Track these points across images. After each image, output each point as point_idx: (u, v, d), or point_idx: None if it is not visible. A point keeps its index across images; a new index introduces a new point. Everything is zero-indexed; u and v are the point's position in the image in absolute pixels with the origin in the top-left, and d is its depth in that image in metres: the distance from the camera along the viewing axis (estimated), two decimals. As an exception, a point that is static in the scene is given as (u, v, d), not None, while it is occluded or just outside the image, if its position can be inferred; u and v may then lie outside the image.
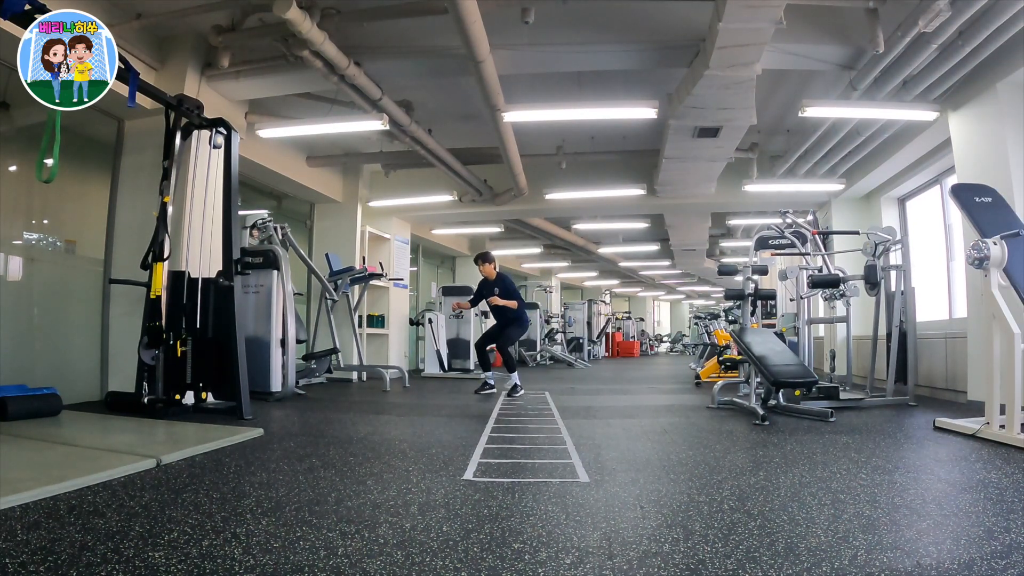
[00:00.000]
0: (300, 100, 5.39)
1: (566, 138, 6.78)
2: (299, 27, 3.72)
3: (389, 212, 8.26)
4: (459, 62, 4.34)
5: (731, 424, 3.65)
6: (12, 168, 4.28)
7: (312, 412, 4.13)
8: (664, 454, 2.71)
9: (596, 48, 4.44)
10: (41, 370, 4.07)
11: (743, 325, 4.60)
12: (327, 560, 1.40)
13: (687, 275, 17.10)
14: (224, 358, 3.81)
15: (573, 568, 1.37)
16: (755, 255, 5.03)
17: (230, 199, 4.00)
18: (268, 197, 7.20)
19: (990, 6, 3.39)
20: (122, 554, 1.41)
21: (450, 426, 3.52)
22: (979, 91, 4.26)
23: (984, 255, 2.97)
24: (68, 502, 1.82)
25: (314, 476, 2.22)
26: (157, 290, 3.78)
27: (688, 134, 5.51)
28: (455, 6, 3.49)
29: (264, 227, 5.46)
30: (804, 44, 4.30)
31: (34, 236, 4.40)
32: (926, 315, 5.52)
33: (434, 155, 6.34)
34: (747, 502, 1.90)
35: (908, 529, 1.64)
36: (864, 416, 3.94)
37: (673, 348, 22.03)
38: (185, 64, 4.51)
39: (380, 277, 6.95)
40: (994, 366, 2.95)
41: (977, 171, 4.25)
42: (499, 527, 1.65)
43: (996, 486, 2.08)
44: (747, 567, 1.36)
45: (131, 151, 4.57)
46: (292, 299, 5.17)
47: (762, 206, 8.06)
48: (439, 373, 8.19)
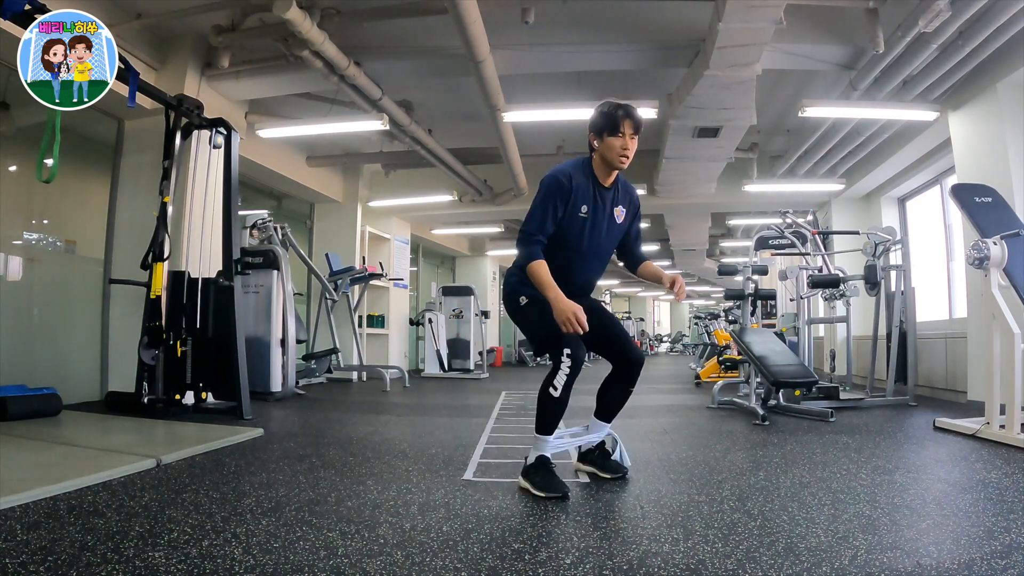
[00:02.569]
0: (300, 100, 5.39)
1: (566, 138, 6.77)
2: (299, 27, 3.72)
3: (389, 212, 8.26)
4: (459, 62, 4.34)
5: (731, 424, 3.65)
6: (12, 168, 4.28)
7: (312, 412, 4.13)
8: (664, 454, 2.71)
9: (596, 48, 4.44)
10: (41, 370, 4.06)
11: (743, 325, 4.60)
12: (327, 560, 1.40)
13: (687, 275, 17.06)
14: (224, 358, 3.81)
15: (573, 568, 1.37)
16: (755, 255, 5.04)
17: (230, 199, 4.00)
18: (268, 197, 7.20)
19: (990, 6, 3.38)
20: (122, 554, 1.41)
21: (450, 426, 3.51)
22: (979, 91, 4.25)
23: (984, 255, 2.97)
24: (68, 502, 1.82)
25: (314, 476, 2.22)
26: (157, 290, 3.78)
27: (688, 134, 5.50)
28: (455, 6, 3.49)
29: (264, 227, 5.45)
30: (804, 44, 4.30)
31: (34, 236, 4.40)
32: (926, 315, 5.52)
33: (434, 155, 6.34)
34: (747, 502, 1.90)
35: (908, 529, 1.64)
36: (864, 416, 3.94)
37: (673, 348, 22.03)
38: (185, 64, 4.50)
39: (380, 277, 6.95)
40: (994, 366, 2.95)
41: (977, 171, 4.25)
42: (499, 527, 1.65)
43: (996, 486, 2.08)
44: (747, 567, 1.36)
45: (131, 151, 4.57)
46: (292, 299, 5.17)
47: (762, 206, 8.06)
48: (439, 373, 8.19)
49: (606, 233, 2.17)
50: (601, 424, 2.27)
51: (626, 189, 2.25)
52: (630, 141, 2.07)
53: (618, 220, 2.19)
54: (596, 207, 2.12)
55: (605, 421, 2.27)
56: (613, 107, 2.09)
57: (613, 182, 2.17)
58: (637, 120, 2.08)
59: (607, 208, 2.15)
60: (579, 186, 2.09)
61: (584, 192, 2.10)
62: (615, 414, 2.27)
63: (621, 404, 2.26)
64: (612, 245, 2.26)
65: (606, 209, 2.15)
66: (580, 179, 2.10)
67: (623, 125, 2.06)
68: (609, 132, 2.07)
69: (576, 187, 2.08)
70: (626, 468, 2.27)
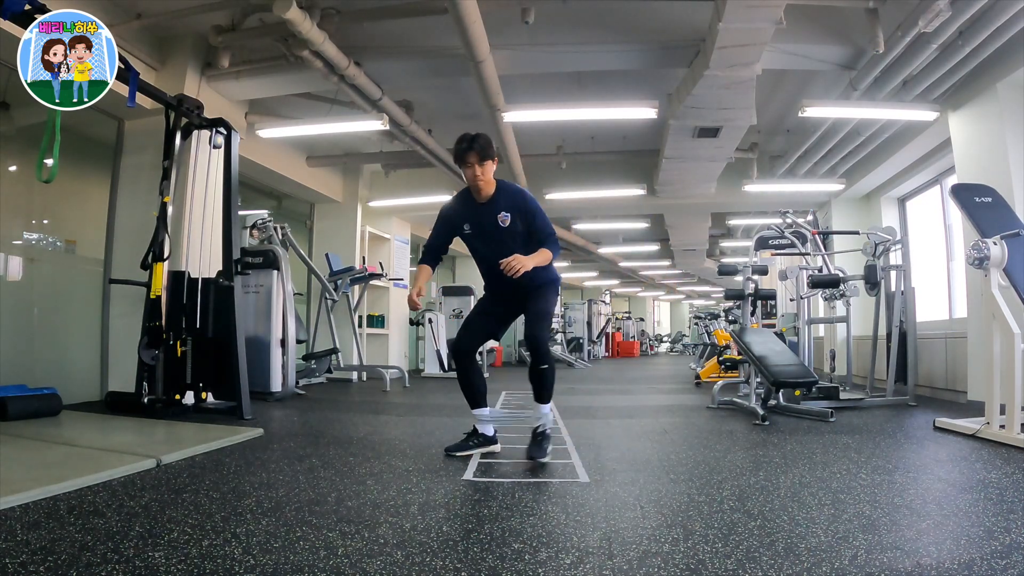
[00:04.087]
0: (300, 100, 5.39)
1: (566, 138, 6.78)
2: (299, 27, 3.72)
3: (389, 212, 8.26)
4: (459, 62, 4.34)
5: (731, 424, 3.65)
6: (12, 168, 4.28)
7: (312, 412, 4.13)
8: (664, 454, 2.71)
9: (596, 48, 4.44)
10: (41, 370, 4.07)
11: (743, 325, 4.60)
12: (327, 560, 1.40)
13: (687, 275, 17.09)
14: (224, 358, 3.81)
15: (573, 568, 1.37)
16: (755, 255, 5.04)
17: (230, 199, 4.00)
18: (268, 197, 7.20)
19: (990, 6, 3.39)
20: (122, 554, 1.41)
21: (450, 426, 3.51)
22: (979, 91, 4.25)
23: (984, 255, 2.97)
24: (68, 502, 1.82)
25: (314, 476, 2.22)
26: (157, 290, 3.78)
27: (688, 134, 5.50)
28: (455, 6, 3.49)
29: (264, 227, 5.45)
30: (804, 44, 4.30)
31: (34, 236, 4.40)
32: (926, 315, 5.52)
33: (434, 155, 6.34)
34: (747, 502, 1.90)
35: (908, 529, 1.64)
36: (864, 416, 3.94)
37: (673, 348, 22.03)
38: (185, 64, 4.50)
39: (380, 277, 6.94)
40: (994, 366, 2.95)
41: (977, 171, 4.25)
42: (499, 527, 1.65)
43: (996, 486, 2.08)
44: (747, 567, 1.36)
45: (131, 151, 4.57)
46: (292, 299, 5.17)
47: (762, 206, 8.06)
48: (439, 373, 8.18)
49: (497, 236, 2.56)
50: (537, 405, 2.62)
51: (510, 196, 2.59)
52: (478, 168, 2.49)
53: (503, 224, 2.55)
54: (479, 222, 2.58)
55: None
56: (458, 142, 2.54)
57: (492, 196, 2.57)
58: (479, 150, 2.47)
59: (490, 218, 2.56)
60: (457, 212, 2.64)
61: (461, 214, 2.62)
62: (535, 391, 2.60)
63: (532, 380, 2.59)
64: (514, 241, 2.56)
65: (489, 219, 2.56)
66: (458, 206, 2.66)
67: (467, 156, 2.49)
68: (460, 164, 2.55)
69: (454, 213, 2.65)
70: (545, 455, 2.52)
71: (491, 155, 2.52)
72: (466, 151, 2.48)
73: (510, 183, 2.66)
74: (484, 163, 2.50)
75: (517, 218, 2.55)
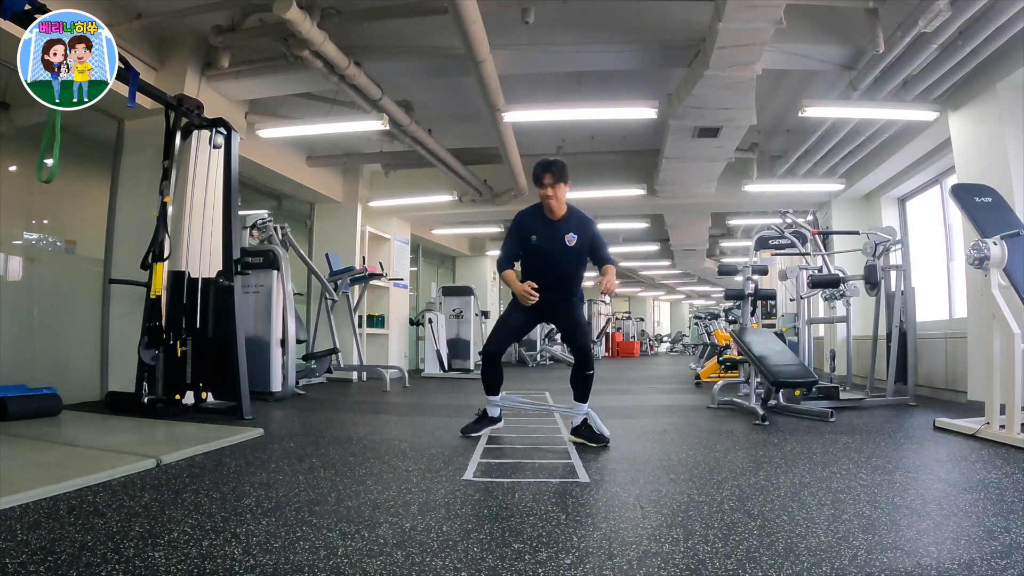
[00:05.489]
0: (300, 100, 5.39)
1: (566, 138, 6.78)
2: (299, 27, 3.72)
3: (389, 212, 8.26)
4: (459, 62, 4.34)
5: (731, 424, 3.65)
6: (12, 168, 4.28)
7: (312, 412, 4.13)
8: (664, 454, 2.71)
9: (596, 48, 4.44)
10: (41, 370, 4.07)
11: (743, 325, 4.60)
12: (327, 560, 1.40)
13: (687, 275, 17.09)
14: (224, 358, 3.81)
15: (573, 568, 1.37)
16: (755, 255, 5.04)
17: (230, 199, 3.99)
18: (268, 197, 7.19)
19: (990, 6, 3.39)
20: (122, 554, 1.41)
21: (450, 426, 3.51)
22: (979, 91, 4.25)
23: (984, 255, 2.97)
24: (68, 502, 1.82)
25: (314, 476, 2.22)
26: (157, 290, 3.78)
27: (688, 134, 5.50)
28: (455, 6, 3.49)
29: (264, 227, 5.45)
30: (804, 44, 4.30)
31: (34, 236, 4.40)
32: (926, 315, 5.52)
33: (434, 155, 6.34)
34: (747, 502, 1.90)
35: (908, 529, 1.64)
36: (864, 416, 3.94)
37: (673, 348, 22.02)
38: (185, 64, 4.50)
39: (380, 277, 6.94)
40: (994, 366, 2.95)
41: (977, 171, 4.25)
42: (499, 527, 1.65)
43: (996, 486, 2.08)
44: (747, 567, 1.36)
45: (131, 151, 4.57)
46: (292, 299, 5.17)
47: (762, 206, 8.06)
48: (439, 373, 8.18)
49: (558, 252, 2.94)
50: (577, 404, 2.99)
51: (580, 221, 2.97)
52: (551, 190, 2.87)
53: (569, 244, 2.93)
54: (547, 236, 2.93)
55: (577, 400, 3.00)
56: (537, 165, 2.92)
57: (563, 216, 2.95)
58: (555, 173, 2.87)
59: (559, 236, 2.92)
60: (530, 223, 2.97)
61: (534, 225, 2.96)
62: (579, 392, 2.99)
63: (578, 383, 3.00)
64: (569, 259, 2.96)
65: (557, 237, 2.93)
66: (531, 218, 2.99)
67: (544, 178, 2.87)
68: (537, 184, 2.91)
69: (528, 223, 2.98)
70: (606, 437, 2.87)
71: (564, 179, 2.90)
72: (543, 173, 2.87)
73: (580, 210, 3.02)
74: (557, 185, 2.87)
75: (582, 241, 2.94)
